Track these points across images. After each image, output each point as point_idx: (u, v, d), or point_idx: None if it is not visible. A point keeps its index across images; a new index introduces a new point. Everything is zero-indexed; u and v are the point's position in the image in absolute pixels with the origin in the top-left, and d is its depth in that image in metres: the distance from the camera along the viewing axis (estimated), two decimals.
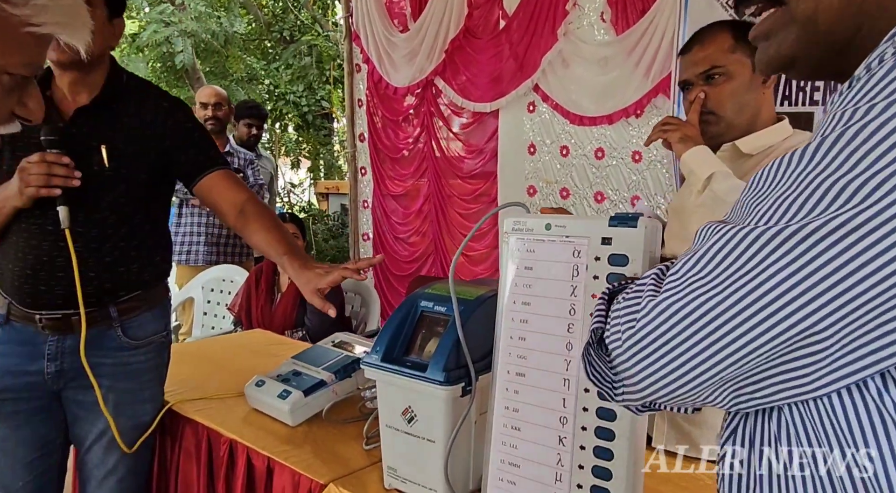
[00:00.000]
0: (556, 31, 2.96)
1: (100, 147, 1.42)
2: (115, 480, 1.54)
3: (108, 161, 1.43)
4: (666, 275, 0.53)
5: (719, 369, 0.48)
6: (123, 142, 1.46)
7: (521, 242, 0.99)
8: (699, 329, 0.47)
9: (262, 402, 1.55)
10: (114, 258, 1.47)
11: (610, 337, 0.57)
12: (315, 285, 1.37)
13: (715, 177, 1.17)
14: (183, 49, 6.19)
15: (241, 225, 1.52)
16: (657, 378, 0.51)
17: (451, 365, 1.07)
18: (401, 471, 1.17)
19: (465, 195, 3.52)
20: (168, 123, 1.51)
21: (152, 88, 1.58)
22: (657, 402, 0.55)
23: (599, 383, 0.63)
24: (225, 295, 3.62)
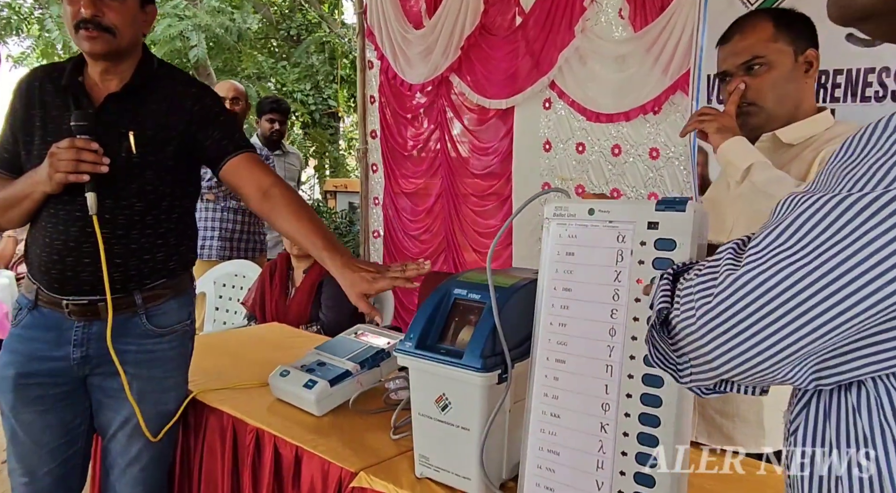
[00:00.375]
0: (574, 27, 2.95)
1: (128, 133, 1.42)
2: (138, 468, 1.54)
3: (136, 147, 1.43)
4: (744, 249, 0.52)
5: (806, 342, 0.47)
6: (152, 128, 1.46)
7: (562, 228, 0.99)
8: (786, 301, 0.46)
9: (287, 392, 1.55)
10: (140, 245, 1.47)
11: (680, 315, 0.56)
12: (363, 290, 1.33)
13: (754, 167, 1.16)
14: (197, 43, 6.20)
15: (268, 210, 1.49)
16: (736, 354, 0.50)
17: (488, 352, 1.06)
18: (433, 459, 1.16)
19: (479, 192, 3.51)
20: (195, 108, 1.50)
21: (181, 75, 1.59)
22: (732, 380, 0.54)
23: (663, 365, 0.63)
24: (237, 290, 3.62)
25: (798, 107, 1.31)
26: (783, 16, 1.29)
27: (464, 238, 3.62)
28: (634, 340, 0.90)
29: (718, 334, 0.50)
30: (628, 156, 2.87)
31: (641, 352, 0.89)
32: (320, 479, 1.28)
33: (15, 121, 1.48)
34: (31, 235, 1.48)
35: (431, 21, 3.52)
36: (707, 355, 0.52)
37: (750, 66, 1.29)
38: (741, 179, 1.17)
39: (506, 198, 3.35)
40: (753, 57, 1.28)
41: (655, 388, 0.87)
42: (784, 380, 0.51)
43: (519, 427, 1.12)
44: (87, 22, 1.37)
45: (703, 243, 0.86)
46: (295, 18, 8.76)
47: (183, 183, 1.54)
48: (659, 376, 0.87)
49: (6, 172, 1.50)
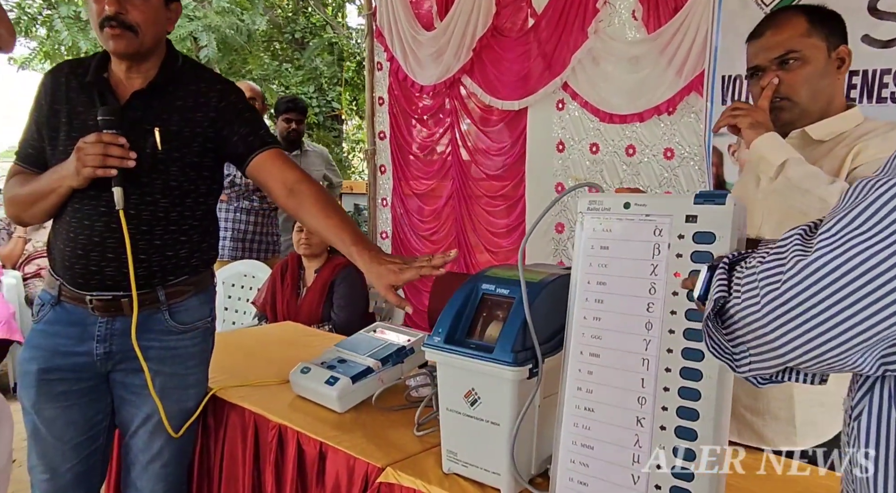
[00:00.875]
0: (586, 29, 2.95)
1: (153, 130, 1.43)
2: (159, 465, 1.54)
3: (162, 144, 1.43)
4: (812, 235, 0.52)
5: (881, 328, 0.47)
6: (177, 124, 1.46)
7: (596, 222, 0.99)
8: (861, 286, 0.46)
9: (309, 388, 1.55)
10: (164, 242, 1.47)
11: (741, 304, 0.56)
12: (390, 282, 1.32)
13: (789, 163, 1.15)
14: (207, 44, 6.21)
15: (294, 206, 1.49)
16: (805, 341, 0.50)
17: (519, 347, 1.06)
18: (461, 455, 1.16)
19: (491, 193, 3.51)
20: (220, 104, 1.51)
21: (206, 71, 1.59)
22: (797, 368, 0.54)
23: (719, 354, 0.62)
24: (246, 291, 3.62)
25: (830, 103, 1.30)
26: (816, 12, 1.29)
27: (476, 238, 3.61)
28: (672, 333, 0.90)
29: (787, 321, 0.50)
30: (643, 156, 2.87)
31: (679, 345, 0.89)
32: (346, 475, 1.28)
33: (40, 116, 1.48)
34: (55, 230, 1.48)
35: (443, 23, 3.52)
36: (773, 342, 0.52)
37: (784, 61, 1.28)
38: (775, 175, 1.16)
39: (518, 198, 3.35)
40: (788, 51, 1.27)
41: (694, 381, 0.87)
42: (853, 367, 0.51)
43: (548, 422, 1.12)
44: (110, 19, 1.37)
45: (742, 237, 0.86)
46: (299, 21, 8.78)
47: (207, 180, 1.54)
48: (698, 369, 0.87)
49: (31, 168, 1.50)
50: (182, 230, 1.50)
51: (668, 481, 0.89)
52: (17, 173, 1.52)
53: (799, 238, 0.53)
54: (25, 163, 1.51)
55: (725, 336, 0.61)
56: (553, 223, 3.17)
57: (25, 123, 1.51)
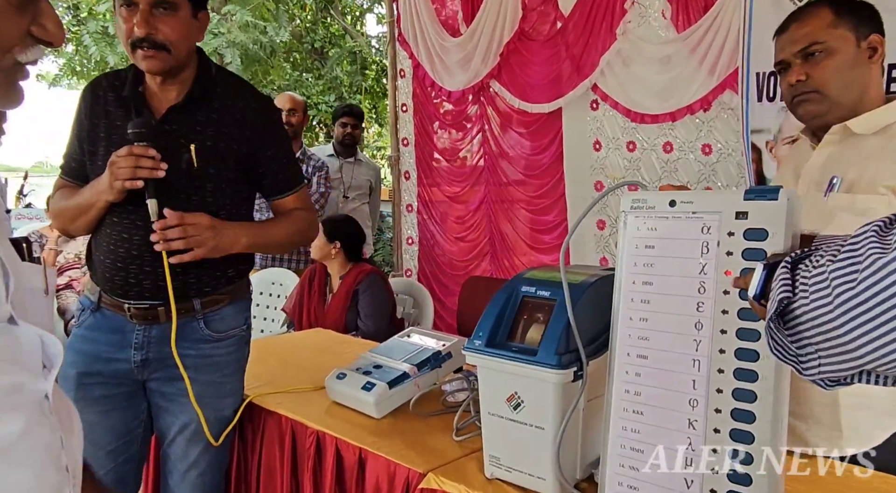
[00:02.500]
0: (615, 30, 2.93)
1: (189, 146, 1.43)
2: (196, 473, 1.54)
3: (197, 160, 1.44)
4: (889, 231, 0.50)
5: None
6: (212, 139, 1.47)
7: (640, 221, 0.97)
8: None
9: (345, 394, 1.54)
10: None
11: (810, 304, 0.54)
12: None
13: None
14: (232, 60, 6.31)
15: None
16: (887, 341, 0.47)
17: (562, 349, 1.05)
18: (504, 460, 1.14)
19: (530, 193, 3.50)
20: (257, 125, 1.51)
21: (244, 86, 1.59)
22: (876, 370, 0.52)
23: (783, 356, 0.60)
24: (274, 298, 3.65)
25: (863, 94, 1.26)
26: (843, 2, 1.26)
27: (517, 238, 3.60)
28: (724, 333, 0.87)
29: (865, 321, 0.48)
30: (680, 152, 2.83)
31: (732, 346, 0.86)
32: (386, 480, 1.27)
33: (80, 131, 1.50)
34: (95, 241, 1.51)
35: (470, 29, 3.53)
36: (847, 343, 0.50)
37: (809, 53, 1.25)
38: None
39: (559, 197, 3.34)
40: (812, 43, 1.25)
41: (749, 383, 0.84)
42: None
43: (593, 426, 1.10)
44: (142, 40, 1.38)
45: (797, 233, 0.83)
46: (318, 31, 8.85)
47: (242, 193, 1.55)
48: (754, 370, 0.84)
49: (75, 181, 1.53)
50: None
51: (725, 485, 0.86)
52: (62, 187, 1.56)
53: (874, 235, 0.51)
54: (69, 177, 1.54)
55: (790, 338, 0.59)
56: (594, 220, 3.15)
57: (68, 137, 1.54)
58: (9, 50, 0.62)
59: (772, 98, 2.43)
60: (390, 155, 4.47)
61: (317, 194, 3.55)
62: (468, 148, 3.87)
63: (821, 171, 1.30)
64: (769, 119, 2.48)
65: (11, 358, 0.63)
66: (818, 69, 1.26)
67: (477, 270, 3.83)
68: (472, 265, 3.87)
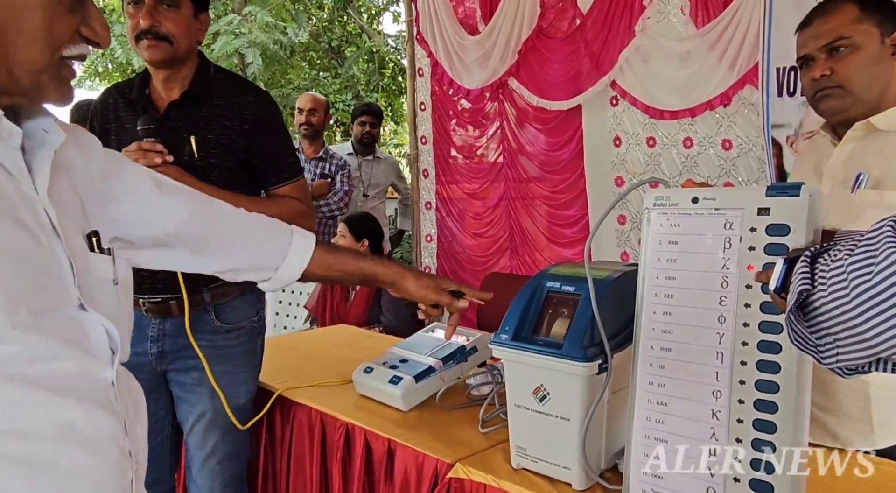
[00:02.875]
0: (633, 27, 2.94)
1: (190, 138, 1.52)
2: (214, 462, 1.62)
3: (198, 151, 1.52)
4: None
5: None
6: (214, 132, 1.55)
7: (664, 217, 0.99)
8: None
9: (373, 388, 1.58)
10: None
11: (828, 296, 0.56)
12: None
13: None
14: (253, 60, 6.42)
15: None
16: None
17: (587, 343, 1.07)
18: (531, 450, 1.18)
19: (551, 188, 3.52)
20: (255, 118, 1.58)
21: (240, 81, 1.68)
22: (892, 359, 0.55)
23: (803, 346, 0.63)
24: (297, 295, 3.70)
25: (885, 91, 1.27)
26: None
27: (537, 234, 3.62)
28: (746, 326, 0.89)
29: (880, 311, 0.51)
30: (701, 147, 2.84)
31: (755, 338, 0.89)
32: (414, 471, 1.31)
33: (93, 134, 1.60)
34: None
35: (488, 27, 3.55)
36: (864, 333, 0.53)
37: (834, 48, 1.26)
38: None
39: (580, 192, 3.36)
40: (837, 38, 1.25)
41: (772, 374, 0.87)
42: None
43: (617, 417, 1.13)
44: (146, 32, 1.47)
45: (818, 228, 0.85)
46: (335, 30, 8.92)
47: (245, 184, 1.62)
48: (776, 362, 0.86)
49: None
50: None
51: (748, 473, 0.89)
52: None
53: (890, 230, 0.53)
54: None
55: (809, 328, 0.62)
56: (615, 216, 3.17)
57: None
58: (58, 48, 0.67)
59: (792, 93, 2.42)
60: (408, 153, 4.52)
61: (340, 193, 3.60)
62: (487, 145, 3.90)
63: (844, 167, 1.30)
64: (790, 114, 2.48)
65: (80, 345, 0.68)
66: (842, 64, 1.26)
67: (496, 266, 3.86)
68: (491, 261, 3.90)
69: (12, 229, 0.63)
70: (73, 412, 0.66)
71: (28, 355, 0.63)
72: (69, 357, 0.66)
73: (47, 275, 0.66)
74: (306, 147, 3.65)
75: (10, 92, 0.67)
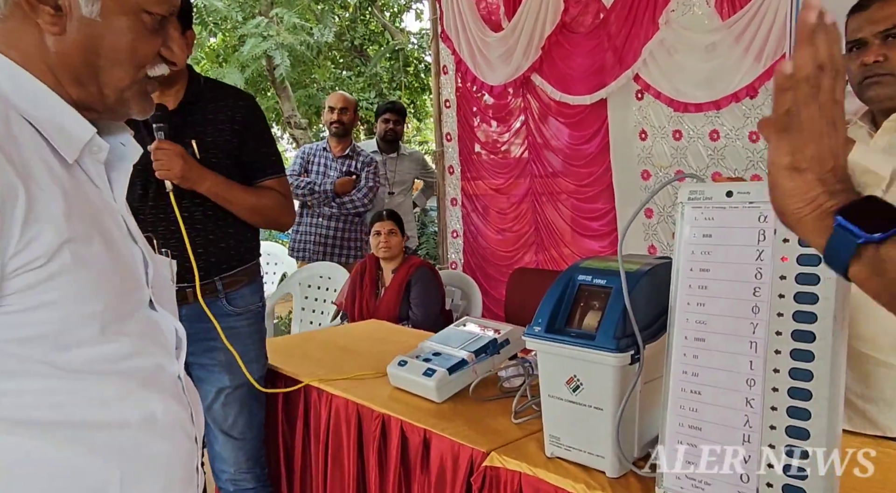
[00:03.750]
0: (657, 19, 2.93)
1: (191, 141, 1.65)
2: (236, 433, 1.78)
3: (200, 153, 1.66)
4: None
5: None
6: (211, 135, 1.69)
7: (698, 211, 1.02)
8: None
9: (407, 380, 1.62)
10: (216, 236, 1.73)
11: None
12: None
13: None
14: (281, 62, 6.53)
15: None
16: None
17: (620, 334, 1.10)
18: (564, 439, 1.21)
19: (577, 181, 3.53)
20: (245, 119, 1.74)
21: (228, 88, 1.84)
22: None
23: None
24: (323, 291, 3.76)
25: None
26: None
27: (565, 227, 3.64)
28: (780, 316, 0.91)
29: None
30: (727, 140, 2.83)
31: (788, 328, 0.90)
32: (450, 460, 1.35)
33: None
34: None
35: (511, 23, 3.57)
36: None
37: (891, 35, 1.25)
38: (887, 187, 1.15)
39: (606, 186, 3.37)
40: (895, 25, 1.24)
41: (806, 362, 0.89)
42: None
43: (649, 407, 1.15)
44: None
45: None
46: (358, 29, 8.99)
47: (237, 177, 1.74)
48: (810, 350, 0.88)
49: None
50: (228, 224, 1.74)
51: (783, 460, 0.91)
52: None
53: None
54: None
55: None
56: (643, 209, 3.18)
57: None
58: (142, 67, 0.72)
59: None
60: (434, 150, 4.56)
61: (365, 189, 3.65)
62: (511, 141, 3.92)
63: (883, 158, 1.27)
64: None
65: (155, 341, 0.73)
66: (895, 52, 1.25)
67: (522, 260, 3.88)
68: (517, 256, 3.92)
69: (104, 242, 0.68)
70: (155, 403, 0.72)
71: (119, 354, 0.69)
72: (149, 353, 0.72)
73: (130, 279, 0.73)
74: (334, 145, 3.71)
75: (97, 108, 0.73)
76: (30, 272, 0.60)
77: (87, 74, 0.70)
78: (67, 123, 0.68)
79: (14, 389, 0.62)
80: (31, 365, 0.63)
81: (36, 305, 0.61)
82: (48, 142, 0.66)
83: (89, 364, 0.66)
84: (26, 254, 0.60)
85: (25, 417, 0.63)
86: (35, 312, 0.62)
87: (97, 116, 0.73)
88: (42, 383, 0.64)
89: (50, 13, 0.66)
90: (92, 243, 0.66)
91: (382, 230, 3.01)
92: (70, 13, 0.67)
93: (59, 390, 0.65)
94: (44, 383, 0.64)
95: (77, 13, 0.67)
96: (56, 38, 0.67)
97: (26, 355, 0.62)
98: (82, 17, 0.68)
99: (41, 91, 0.67)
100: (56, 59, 0.68)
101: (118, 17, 0.69)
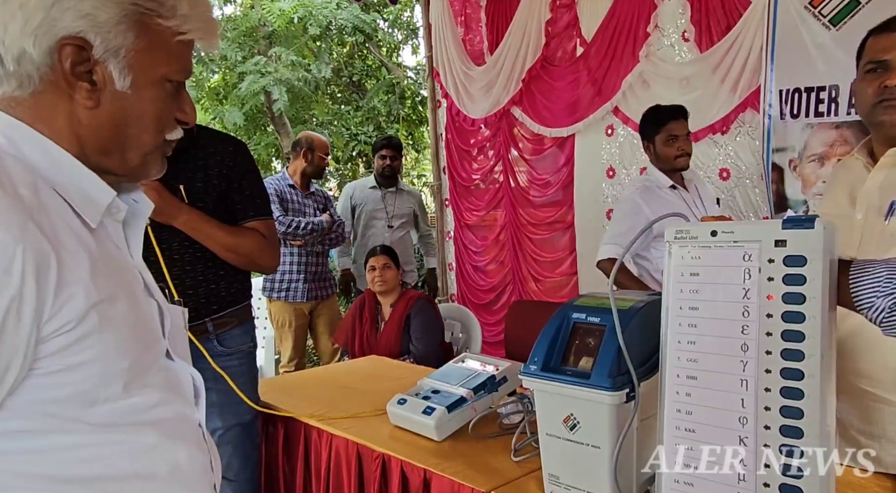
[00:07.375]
0: (637, 53, 3.00)
1: (179, 188, 1.70)
2: (231, 475, 1.76)
3: (188, 198, 1.71)
4: None
5: None
6: (201, 181, 1.74)
7: (684, 250, 1.04)
8: None
9: (406, 418, 1.63)
10: (205, 277, 1.75)
11: None
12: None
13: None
14: (279, 97, 6.63)
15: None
16: None
17: (615, 372, 1.12)
18: (563, 478, 1.21)
19: (540, 222, 3.57)
20: (233, 163, 1.79)
21: (220, 134, 1.90)
22: None
23: None
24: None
25: None
26: None
27: (527, 269, 3.67)
28: (769, 354, 0.93)
29: None
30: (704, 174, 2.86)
31: (777, 366, 0.93)
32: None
33: None
34: None
35: (493, 56, 3.64)
36: None
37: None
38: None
39: (568, 226, 3.39)
40: None
41: (796, 400, 0.90)
42: None
43: (647, 444, 1.16)
44: None
45: (834, 258, 0.90)
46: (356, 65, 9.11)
47: (223, 218, 1.77)
48: (799, 388, 0.90)
49: None
50: (218, 265, 1.77)
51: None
52: None
53: None
54: None
55: None
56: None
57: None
58: (163, 131, 0.76)
59: (796, 115, 2.45)
60: (432, 184, 4.60)
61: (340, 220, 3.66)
62: (490, 175, 3.98)
63: (879, 194, 1.29)
64: (793, 137, 2.49)
65: (176, 391, 0.75)
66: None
67: (502, 298, 3.88)
68: (496, 293, 3.94)
69: (127, 300, 0.71)
70: (181, 452, 0.74)
71: (144, 405, 0.72)
72: (171, 403, 0.74)
73: (150, 333, 0.75)
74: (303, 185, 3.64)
75: (117, 172, 0.76)
76: (62, 335, 0.63)
77: (115, 143, 0.73)
78: (90, 189, 0.71)
79: (48, 446, 0.65)
80: (62, 423, 0.65)
81: (68, 366, 0.64)
82: (72, 207, 0.69)
83: (117, 418, 0.69)
84: (59, 318, 0.63)
85: (58, 473, 0.66)
86: (68, 373, 0.64)
87: (115, 178, 0.76)
88: (73, 439, 0.66)
89: (87, 88, 0.70)
90: (116, 303, 0.68)
91: (377, 265, 3.02)
92: (104, 87, 0.71)
93: (89, 445, 0.67)
94: (74, 438, 0.66)
95: (111, 87, 0.71)
96: (89, 112, 0.71)
97: (59, 413, 0.65)
98: (115, 91, 0.71)
99: (67, 160, 0.70)
100: (87, 130, 0.71)
101: (146, 89, 0.73)
